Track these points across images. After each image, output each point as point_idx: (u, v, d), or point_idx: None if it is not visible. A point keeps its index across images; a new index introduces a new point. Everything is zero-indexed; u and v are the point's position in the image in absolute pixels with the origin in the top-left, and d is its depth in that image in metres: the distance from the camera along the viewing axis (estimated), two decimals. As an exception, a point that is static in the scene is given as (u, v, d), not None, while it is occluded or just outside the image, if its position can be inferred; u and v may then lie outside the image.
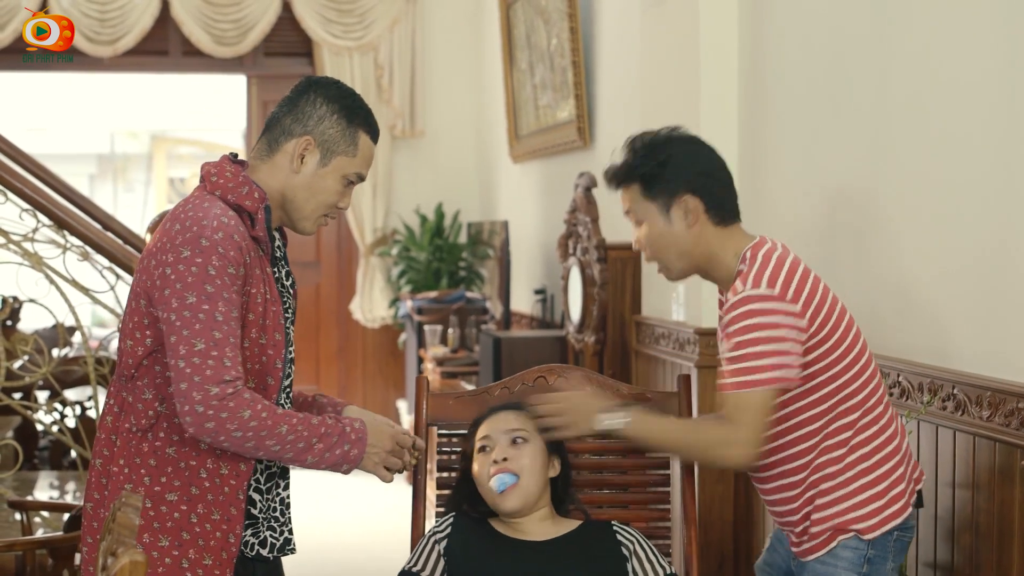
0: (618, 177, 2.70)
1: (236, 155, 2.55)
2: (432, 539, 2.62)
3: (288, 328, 2.54)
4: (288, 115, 2.52)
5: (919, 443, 3.07)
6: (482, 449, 2.66)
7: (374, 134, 2.57)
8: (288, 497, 2.58)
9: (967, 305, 2.91)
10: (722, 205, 2.65)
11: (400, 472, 2.58)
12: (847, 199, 3.46)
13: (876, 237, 3.30)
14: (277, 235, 2.58)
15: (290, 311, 2.57)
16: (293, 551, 2.57)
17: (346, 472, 2.48)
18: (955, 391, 2.91)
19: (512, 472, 2.60)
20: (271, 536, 2.52)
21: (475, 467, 2.66)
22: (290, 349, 2.54)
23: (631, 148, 2.69)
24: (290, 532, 2.57)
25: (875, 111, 3.30)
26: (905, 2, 3.17)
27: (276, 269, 2.55)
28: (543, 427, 2.67)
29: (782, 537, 2.82)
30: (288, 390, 2.56)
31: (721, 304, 2.74)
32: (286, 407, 2.54)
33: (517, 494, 2.60)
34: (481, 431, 2.69)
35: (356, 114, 2.54)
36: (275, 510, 2.54)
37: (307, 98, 2.52)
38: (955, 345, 2.96)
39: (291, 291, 2.60)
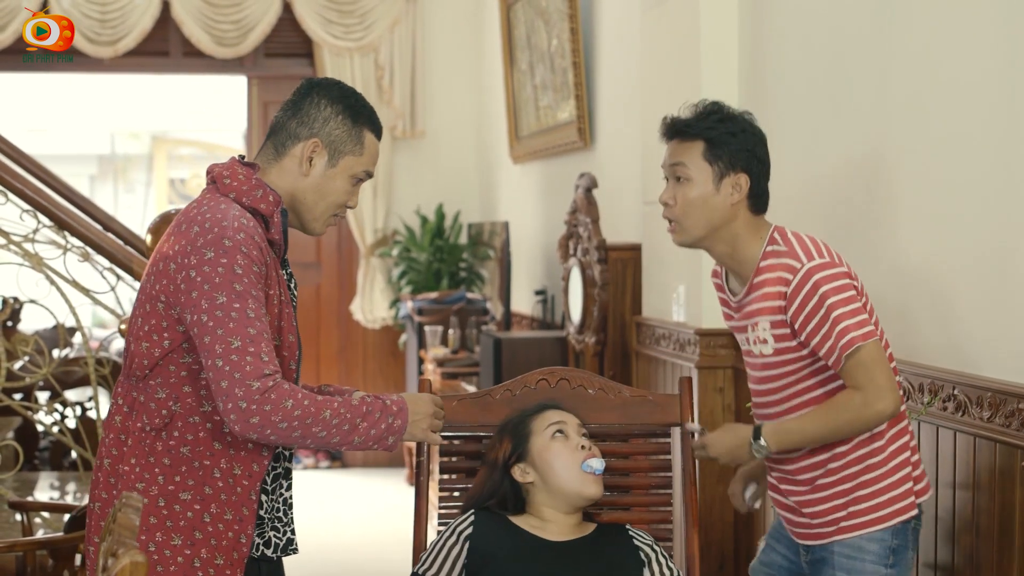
0: (686, 129, 2.72)
1: (243, 157, 2.56)
2: (458, 530, 2.63)
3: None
4: (293, 118, 2.52)
5: (920, 444, 3.06)
6: (557, 434, 2.67)
7: (378, 131, 2.59)
8: (291, 497, 2.58)
9: (967, 306, 2.91)
10: (762, 195, 2.74)
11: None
12: (846, 199, 3.46)
13: (876, 238, 3.29)
14: (282, 238, 2.59)
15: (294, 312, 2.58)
16: (296, 551, 2.57)
17: (391, 446, 2.47)
18: (956, 392, 2.91)
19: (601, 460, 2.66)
20: (275, 536, 2.52)
21: (549, 454, 2.64)
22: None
23: (705, 110, 2.73)
24: (292, 532, 2.57)
25: (875, 111, 3.30)
26: (905, 2, 3.17)
27: (283, 272, 2.56)
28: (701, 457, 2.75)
29: (780, 537, 2.83)
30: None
31: (725, 291, 2.80)
32: None
33: (602, 484, 2.65)
34: (552, 417, 2.70)
35: (360, 113, 2.55)
36: (278, 510, 2.54)
37: (310, 100, 2.53)
38: (955, 346, 2.96)
39: (294, 293, 2.61)
